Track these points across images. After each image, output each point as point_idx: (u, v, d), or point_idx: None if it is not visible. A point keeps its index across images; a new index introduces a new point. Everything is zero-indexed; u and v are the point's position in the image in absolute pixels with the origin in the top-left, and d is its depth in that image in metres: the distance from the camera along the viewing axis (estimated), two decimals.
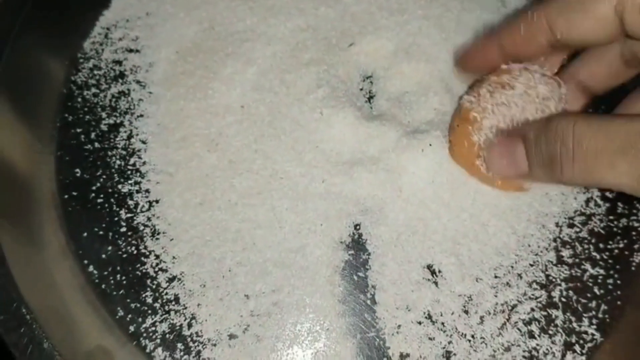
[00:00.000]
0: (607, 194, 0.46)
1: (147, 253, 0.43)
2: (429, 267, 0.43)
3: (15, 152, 0.45)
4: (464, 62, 0.47)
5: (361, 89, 0.50)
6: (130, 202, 0.45)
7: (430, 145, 0.44)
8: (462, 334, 0.41)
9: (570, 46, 0.41)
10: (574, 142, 0.34)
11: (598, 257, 0.44)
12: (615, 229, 0.45)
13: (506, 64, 0.43)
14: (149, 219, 0.44)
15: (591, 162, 0.34)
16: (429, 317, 0.41)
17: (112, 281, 0.42)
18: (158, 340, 0.41)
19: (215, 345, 0.40)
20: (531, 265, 0.43)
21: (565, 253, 0.44)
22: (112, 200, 0.45)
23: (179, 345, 0.40)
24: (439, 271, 0.43)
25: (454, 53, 0.50)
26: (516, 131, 0.40)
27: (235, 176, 0.45)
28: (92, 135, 0.47)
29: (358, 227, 0.44)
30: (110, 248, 0.43)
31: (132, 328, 0.41)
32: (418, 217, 0.44)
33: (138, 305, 0.42)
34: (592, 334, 0.41)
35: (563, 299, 0.42)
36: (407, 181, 0.44)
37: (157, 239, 0.44)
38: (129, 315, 0.41)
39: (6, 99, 0.45)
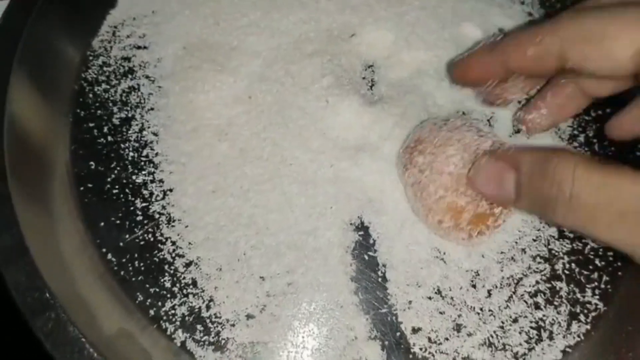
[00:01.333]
0: None
1: (164, 240, 0.44)
2: (436, 247, 0.44)
3: (34, 146, 0.46)
4: (461, 73, 0.45)
5: (363, 78, 0.51)
6: (144, 192, 0.46)
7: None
8: (471, 307, 0.43)
9: (578, 74, 0.40)
10: (572, 191, 0.32)
11: None
12: None
13: (506, 77, 0.42)
14: (163, 207, 0.45)
15: (587, 217, 0.32)
16: (439, 292, 0.43)
17: (130, 268, 0.44)
18: (178, 323, 0.42)
19: (233, 325, 0.42)
20: (534, 241, 0.45)
21: None
22: (127, 190, 0.46)
23: (199, 326, 0.42)
24: (445, 252, 0.44)
25: (447, 65, 0.50)
26: (508, 157, 0.38)
27: (245, 164, 0.46)
28: (105, 129, 0.48)
29: (364, 211, 0.45)
30: (127, 236, 0.45)
31: (152, 312, 0.42)
32: None
33: (157, 290, 0.43)
34: (596, 304, 0.43)
35: (566, 272, 0.44)
36: None
37: (172, 226, 0.45)
38: (149, 300, 0.43)
39: (24, 99, 0.46)
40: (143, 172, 0.47)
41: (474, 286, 0.43)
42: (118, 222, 0.45)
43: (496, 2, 0.56)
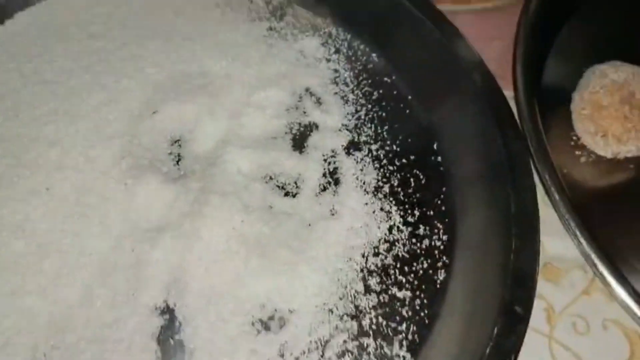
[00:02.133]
0: (409, 218, 0.49)
1: None
2: (244, 322, 0.44)
3: None
4: None
5: (170, 154, 0.51)
6: None
7: (224, 209, 0.46)
8: None
9: None
10: None
11: (404, 280, 0.46)
12: (418, 251, 0.48)
13: None
14: None
15: None
16: None
17: None
18: None
19: None
20: (340, 299, 0.45)
21: (372, 281, 0.46)
22: None
23: None
24: (253, 323, 0.44)
25: None
26: None
27: (43, 259, 0.45)
28: None
29: (169, 293, 0.45)
30: None
31: None
32: (223, 282, 0.45)
33: None
34: (403, 356, 0.44)
35: (373, 326, 0.44)
36: (204, 248, 0.45)
37: None
38: None
39: None
40: None
41: (282, 356, 0.43)
42: None
43: (302, 63, 0.57)
